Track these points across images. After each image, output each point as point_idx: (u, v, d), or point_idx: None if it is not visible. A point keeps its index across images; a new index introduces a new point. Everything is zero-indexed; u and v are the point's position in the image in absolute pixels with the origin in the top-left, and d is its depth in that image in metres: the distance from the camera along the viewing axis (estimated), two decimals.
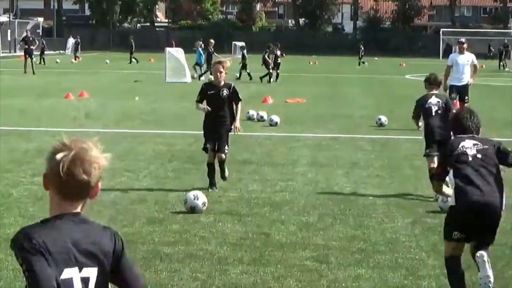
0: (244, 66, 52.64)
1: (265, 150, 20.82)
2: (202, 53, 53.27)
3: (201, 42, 57.50)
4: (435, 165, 12.07)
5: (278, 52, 51.99)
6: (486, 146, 8.69)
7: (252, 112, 27.64)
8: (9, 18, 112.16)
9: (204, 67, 51.01)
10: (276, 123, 26.06)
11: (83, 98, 35.82)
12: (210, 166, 15.32)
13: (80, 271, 4.11)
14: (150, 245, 11.26)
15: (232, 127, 15.66)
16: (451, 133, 9.63)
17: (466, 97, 25.01)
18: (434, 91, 14.88)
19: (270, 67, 50.48)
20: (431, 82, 15.20)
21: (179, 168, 17.95)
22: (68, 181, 4.04)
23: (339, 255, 10.87)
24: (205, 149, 15.46)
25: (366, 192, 15.34)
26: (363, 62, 74.18)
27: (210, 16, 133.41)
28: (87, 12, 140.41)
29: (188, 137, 22.76)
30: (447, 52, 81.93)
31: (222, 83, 15.38)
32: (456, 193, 8.41)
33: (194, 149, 20.37)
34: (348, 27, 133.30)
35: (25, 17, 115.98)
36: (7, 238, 9.30)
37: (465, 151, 8.60)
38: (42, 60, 67.39)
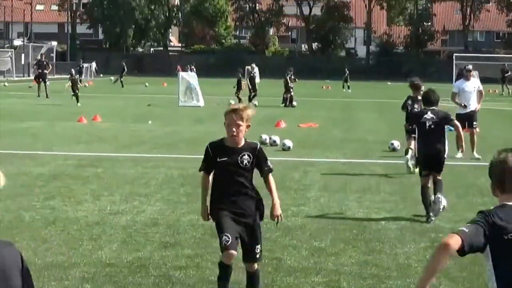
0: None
1: (277, 174, 20.67)
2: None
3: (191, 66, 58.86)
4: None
5: (291, 76, 52.21)
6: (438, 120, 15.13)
7: (265, 137, 27.64)
8: (23, 42, 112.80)
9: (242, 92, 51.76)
10: (289, 147, 26.08)
11: (96, 122, 35.94)
12: (225, 269, 9.44)
13: None
14: (162, 269, 11.27)
15: (270, 214, 9.67)
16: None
17: (475, 123, 24.76)
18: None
19: (291, 90, 50.80)
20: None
21: (191, 192, 17.90)
22: None
23: (351, 281, 10.85)
24: (221, 244, 9.16)
25: (379, 216, 15.31)
26: (348, 87, 73.66)
27: (223, 41, 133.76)
28: (101, 36, 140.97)
29: (196, 162, 22.67)
30: (460, 77, 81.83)
31: (242, 143, 9.44)
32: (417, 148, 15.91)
33: (197, 175, 20.40)
34: (361, 52, 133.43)
35: (39, 41, 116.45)
36: None
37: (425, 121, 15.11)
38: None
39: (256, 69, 53.62)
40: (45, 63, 62.37)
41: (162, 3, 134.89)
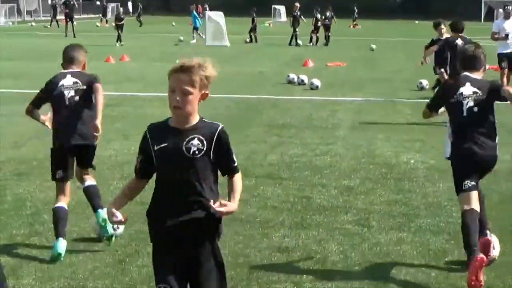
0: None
1: (305, 114, 20.82)
2: (197, 17, 55.39)
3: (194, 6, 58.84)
4: None
5: (318, 16, 52.10)
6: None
7: (293, 76, 27.70)
8: None
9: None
10: (317, 86, 26.08)
11: (124, 61, 36.03)
12: None
13: None
14: None
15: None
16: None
17: None
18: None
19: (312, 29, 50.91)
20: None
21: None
22: None
23: (380, 219, 10.91)
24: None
25: (408, 156, 15.30)
26: (356, 24, 72.79)
27: None
28: None
29: (227, 100, 22.79)
30: (489, 15, 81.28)
31: (193, 121, 6.01)
32: None
33: (234, 113, 20.48)
34: None
35: None
36: None
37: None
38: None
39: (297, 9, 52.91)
40: (72, 3, 62.42)
41: None
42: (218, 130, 5.86)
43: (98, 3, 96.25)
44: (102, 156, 14.95)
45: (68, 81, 10.40)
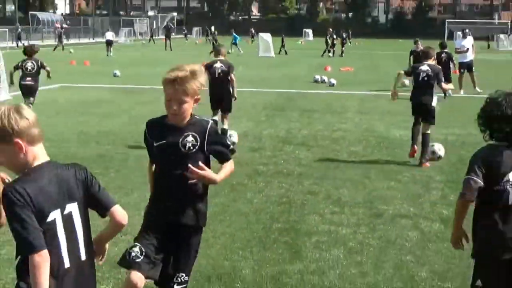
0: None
1: (326, 102, 20.85)
2: (237, 36, 56.41)
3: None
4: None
5: (334, 36, 52.00)
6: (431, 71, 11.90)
7: (317, 76, 27.79)
8: (155, 13, 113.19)
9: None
10: (333, 84, 26.06)
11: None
12: None
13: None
14: (251, 165, 11.50)
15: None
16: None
17: (473, 68, 24.60)
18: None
19: (329, 46, 50.60)
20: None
21: (269, 114, 18.12)
22: None
23: (377, 172, 10.99)
24: (125, 259, 4.78)
25: (396, 131, 15.30)
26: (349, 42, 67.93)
27: (288, 11, 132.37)
28: (206, 8, 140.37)
29: (274, 93, 22.89)
30: (450, 36, 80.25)
31: (185, 121, 4.83)
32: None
33: (279, 102, 20.59)
34: (382, 19, 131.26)
35: (165, 12, 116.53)
36: None
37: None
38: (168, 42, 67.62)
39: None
40: (169, 26, 62.65)
41: None
42: (208, 127, 4.76)
43: (184, 27, 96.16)
44: None
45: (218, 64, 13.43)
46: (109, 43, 48.93)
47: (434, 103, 12.04)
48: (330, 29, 53.73)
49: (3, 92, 20.26)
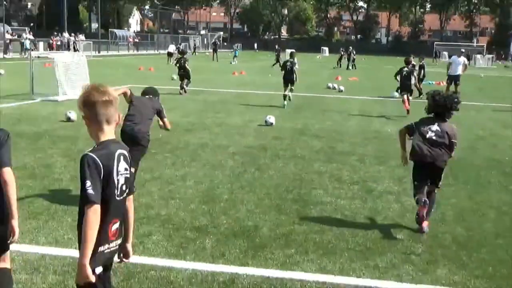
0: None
1: (335, 104, 20.78)
2: (237, 50, 57.35)
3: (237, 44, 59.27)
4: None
5: (342, 52, 51.75)
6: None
7: (330, 84, 27.61)
8: (206, 32, 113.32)
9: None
10: (342, 90, 25.91)
11: (242, 74, 36.20)
12: None
13: None
14: (273, 150, 11.53)
15: None
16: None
17: (458, 81, 23.93)
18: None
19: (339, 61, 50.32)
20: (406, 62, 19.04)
21: (290, 111, 18.06)
22: None
23: (371, 158, 10.91)
24: None
25: (388, 127, 15.20)
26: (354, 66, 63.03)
27: (310, 33, 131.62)
28: (245, 29, 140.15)
29: (297, 96, 22.78)
30: (436, 55, 79.25)
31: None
32: None
33: (300, 103, 20.55)
34: (384, 40, 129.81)
35: (213, 31, 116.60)
36: None
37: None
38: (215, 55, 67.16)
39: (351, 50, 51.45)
40: (217, 43, 62.67)
41: (278, 12, 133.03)
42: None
43: (225, 43, 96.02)
44: (229, 122, 15.24)
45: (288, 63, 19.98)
46: (169, 54, 49.14)
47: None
48: (341, 48, 53.50)
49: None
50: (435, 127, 6.73)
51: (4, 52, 48.78)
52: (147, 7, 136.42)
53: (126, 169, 3.28)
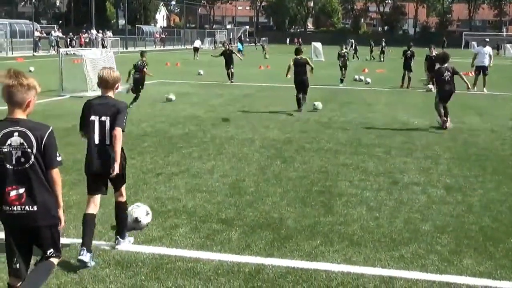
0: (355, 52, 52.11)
1: (361, 96, 20.68)
2: (242, 44, 53.96)
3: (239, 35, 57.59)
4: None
5: (373, 44, 51.26)
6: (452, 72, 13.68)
7: (357, 76, 27.56)
8: (232, 26, 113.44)
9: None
10: (369, 82, 25.80)
11: (268, 68, 36.21)
12: None
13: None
14: (299, 143, 11.55)
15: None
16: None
17: (486, 71, 23.23)
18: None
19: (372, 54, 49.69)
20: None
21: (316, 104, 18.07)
22: None
23: (397, 150, 10.87)
24: None
25: (414, 119, 15.08)
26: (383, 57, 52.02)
27: (336, 26, 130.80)
28: (271, 23, 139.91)
29: (320, 89, 22.75)
30: (466, 46, 78.06)
31: None
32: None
33: (326, 94, 20.47)
34: (411, 31, 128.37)
35: (239, 25, 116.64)
36: None
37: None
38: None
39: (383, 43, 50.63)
40: (242, 37, 62.81)
41: (303, 5, 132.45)
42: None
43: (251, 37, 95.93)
44: (254, 114, 15.29)
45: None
46: (196, 49, 49.37)
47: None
48: (370, 41, 52.80)
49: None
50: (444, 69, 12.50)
51: (34, 50, 49.56)
52: (173, 2, 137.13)
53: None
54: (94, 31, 59.60)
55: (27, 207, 3.80)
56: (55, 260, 4.14)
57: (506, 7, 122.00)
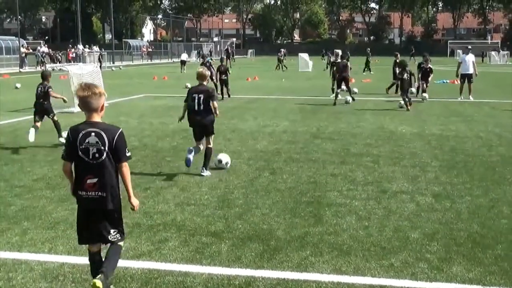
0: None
1: (349, 106, 20.80)
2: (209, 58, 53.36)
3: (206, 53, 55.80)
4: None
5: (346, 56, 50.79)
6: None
7: (343, 86, 27.49)
8: (218, 39, 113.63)
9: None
10: (356, 92, 25.86)
11: (255, 80, 36.30)
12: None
13: None
14: (287, 154, 11.56)
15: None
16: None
17: (472, 79, 23.23)
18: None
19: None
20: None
21: (304, 115, 18.14)
22: None
23: (385, 159, 10.92)
24: None
25: (401, 127, 15.17)
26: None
27: (322, 36, 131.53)
28: (258, 35, 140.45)
29: (309, 99, 22.84)
30: (452, 54, 78.75)
31: None
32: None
33: (312, 106, 20.56)
34: (397, 41, 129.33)
35: (226, 38, 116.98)
36: None
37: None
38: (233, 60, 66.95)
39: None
40: (229, 50, 62.86)
41: (290, 17, 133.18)
42: None
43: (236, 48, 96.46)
44: (241, 128, 15.31)
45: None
46: (183, 62, 49.44)
47: None
48: (368, 49, 50.40)
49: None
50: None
51: (20, 66, 49.37)
52: (160, 16, 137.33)
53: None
54: (80, 46, 59.52)
55: (99, 193, 4.60)
56: (121, 243, 4.87)
57: (490, 15, 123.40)
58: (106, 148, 4.57)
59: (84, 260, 5.62)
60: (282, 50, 57.83)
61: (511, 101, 22.49)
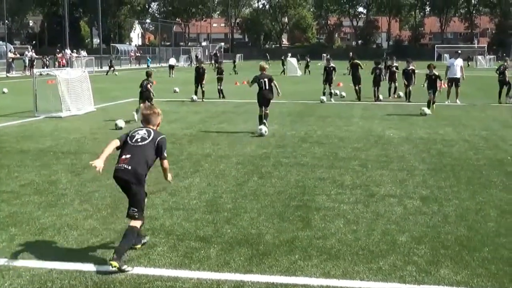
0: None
1: (337, 110, 20.85)
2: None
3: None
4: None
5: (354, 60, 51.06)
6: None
7: (332, 90, 27.62)
8: (207, 43, 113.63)
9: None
10: (344, 96, 26.05)
11: (243, 84, 36.29)
12: None
13: None
14: (276, 158, 11.60)
15: None
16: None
17: (459, 83, 23.45)
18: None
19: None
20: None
21: (292, 119, 18.15)
22: None
23: (373, 163, 10.95)
24: None
25: (389, 131, 15.26)
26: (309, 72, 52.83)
27: (310, 41, 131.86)
28: (247, 39, 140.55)
29: (298, 103, 22.88)
30: (439, 58, 79.22)
31: None
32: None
33: (301, 109, 20.58)
34: (384, 45, 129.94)
35: (215, 42, 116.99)
36: None
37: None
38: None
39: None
40: (218, 54, 62.91)
41: (278, 21, 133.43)
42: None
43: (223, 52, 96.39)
44: (233, 131, 15.31)
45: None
46: (171, 67, 49.40)
47: None
48: (351, 53, 50.63)
49: (88, 105, 20.70)
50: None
51: (7, 71, 49.06)
52: (148, 20, 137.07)
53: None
54: (68, 51, 59.25)
55: (125, 166, 5.66)
56: (137, 223, 5.78)
57: (476, 19, 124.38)
58: (149, 140, 5.80)
59: (73, 266, 5.61)
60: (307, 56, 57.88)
61: (498, 104, 22.69)
